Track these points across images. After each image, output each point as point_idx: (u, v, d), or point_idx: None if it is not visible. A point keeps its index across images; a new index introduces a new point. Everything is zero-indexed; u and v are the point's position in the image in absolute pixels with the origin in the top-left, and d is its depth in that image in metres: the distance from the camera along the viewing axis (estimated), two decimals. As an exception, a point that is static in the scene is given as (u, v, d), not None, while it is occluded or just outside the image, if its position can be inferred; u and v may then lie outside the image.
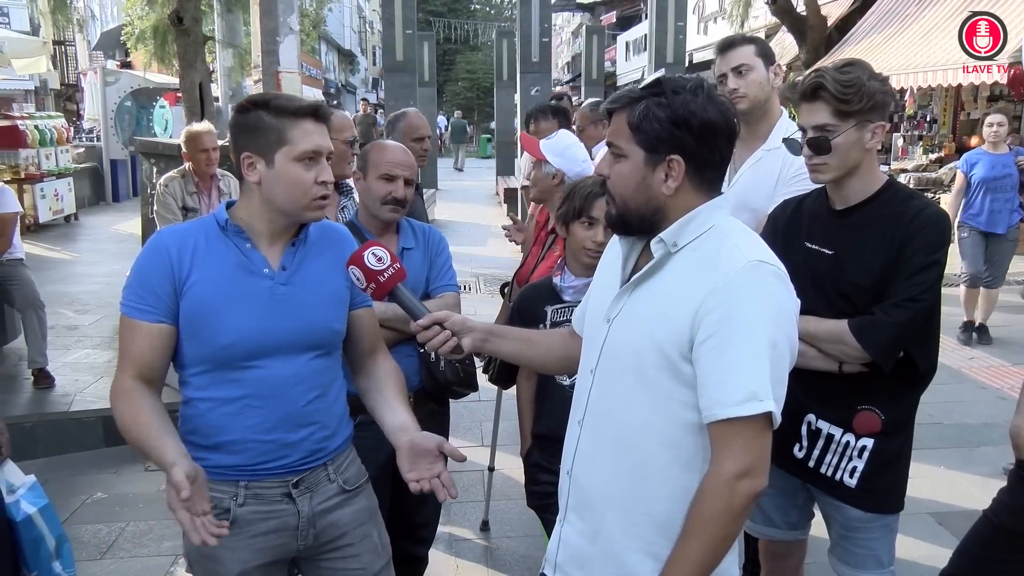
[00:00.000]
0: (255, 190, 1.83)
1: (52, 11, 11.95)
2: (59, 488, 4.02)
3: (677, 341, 1.47)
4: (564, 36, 45.72)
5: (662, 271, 1.55)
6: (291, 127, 1.79)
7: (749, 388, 1.40)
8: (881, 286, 2.03)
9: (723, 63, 2.77)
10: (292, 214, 1.84)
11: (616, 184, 1.58)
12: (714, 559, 1.44)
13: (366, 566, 2.00)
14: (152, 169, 6.01)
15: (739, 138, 2.81)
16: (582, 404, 1.66)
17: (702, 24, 22.39)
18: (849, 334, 2.04)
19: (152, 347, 1.79)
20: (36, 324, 5.24)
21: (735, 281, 1.45)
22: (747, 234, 1.57)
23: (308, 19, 26.59)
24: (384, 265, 1.81)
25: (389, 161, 2.57)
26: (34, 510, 2.31)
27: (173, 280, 1.79)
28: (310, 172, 1.80)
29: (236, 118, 1.86)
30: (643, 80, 1.59)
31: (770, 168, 2.68)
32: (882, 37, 12.84)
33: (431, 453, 1.81)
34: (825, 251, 2.13)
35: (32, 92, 18.71)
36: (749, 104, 2.72)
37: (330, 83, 41.65)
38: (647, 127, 1.51)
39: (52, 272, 8.50)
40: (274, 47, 7.01)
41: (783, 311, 1.48)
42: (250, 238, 1.85)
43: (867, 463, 2.12)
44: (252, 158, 1.81)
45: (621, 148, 1.56)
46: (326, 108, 1.89)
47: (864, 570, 2.27)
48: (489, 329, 1.89)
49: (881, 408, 2.11)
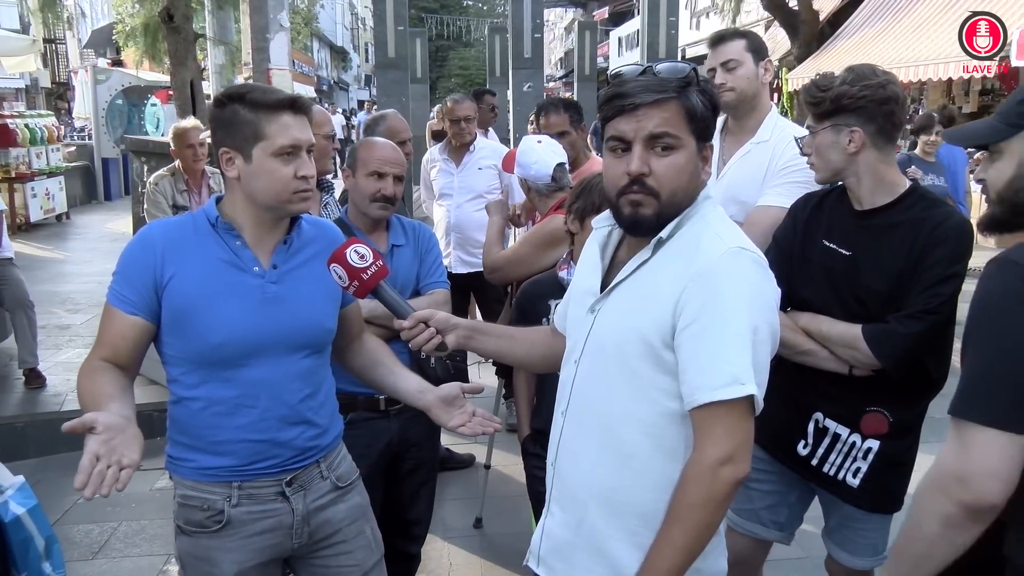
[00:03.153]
0: (236, 186, 1.82)
1: (41, 9, 11.92)
2: (51, 488, 4.01)
3: (659, 329, 1.47)
4: (557, 32, 45.68)
5: (647, 262, 1.54)
6: (268, 121, 1.76)
7: (731, 372, 1.40)
8: (896, 292, 2.01)
9: (713, 57, 2.78)
10: (273, 208, 1.82)
11: (667, 178, 1.49)
12: (697, 546, 1.43)
13: (359, 562, 2.00)
14: (143, 167, 5.99)
15: (728, 132, 2.84)
16: (565, 395, 1.66)
17: (694, 19, 22.41)
18: (862, 341, 2.03)
19: (124, 338, 1.77)
20: (26, 324, 5.21)
21: (715, 267, 1.45)
22: (727, 222, 1.57)
23: (300, 16, 26.54)
24: (367, 263, 1.78)
25: (379, 159, 2.56)
26: (23, 511, 2.29)
27: (154, 275, 1.77)
28: (289, 166, 1.77)
29: (213, 112, 1.84)
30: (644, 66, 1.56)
31: (759, 161, 2.68)
32: (874, 31, 12.87)
33: (459, 399, 1.91)
34: (842, 251, 2.12)
35: (23, 91, 18.64)
36: (736, 98, 2.72)
37: (322, 80, 41.57)
38: (704, 115, 1.51)
39: (44, 271, 8.47)
40: (264, 44, 7.00)
41: (763, 297, 1.48)
42: (240, 235, 1.83)
43: (871, 464, 2.12)
44: (230, 153, 1.79)
45: (678, 139, 1.49)
46: (304, 100, 1.86)
47: (860, 557, 2.29)
48: (473, 326, 1.89)
49: (889, 410, 2.10)
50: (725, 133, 2.86)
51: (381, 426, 2.55)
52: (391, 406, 2.56)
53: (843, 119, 2.07)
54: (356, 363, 2.10)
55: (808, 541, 2.69)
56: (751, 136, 2.75)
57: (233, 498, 1.83)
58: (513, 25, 12.86)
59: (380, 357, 2.08)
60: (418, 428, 2.62)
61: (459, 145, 4.83)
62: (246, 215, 1.83)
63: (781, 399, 1.90)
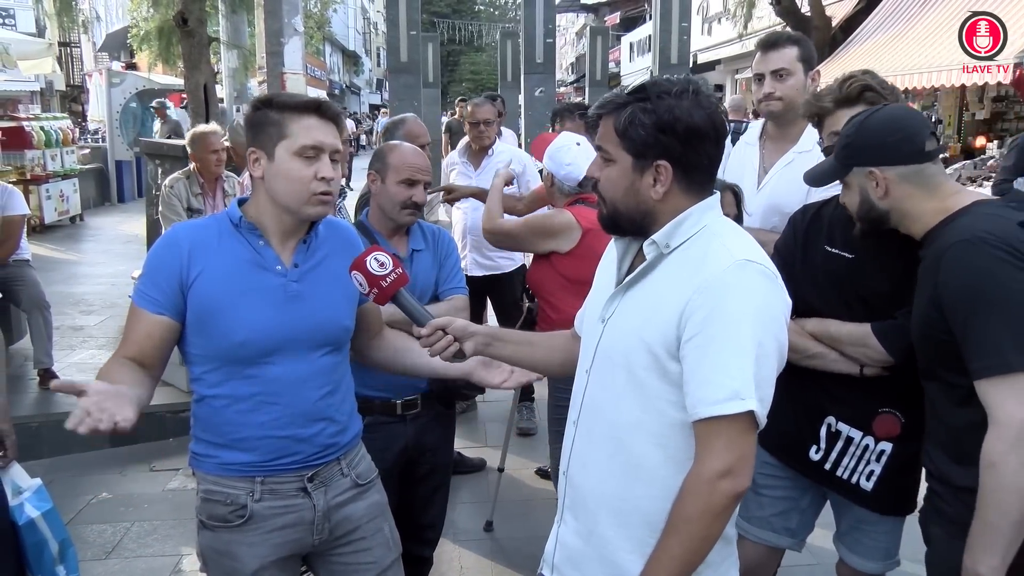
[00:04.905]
0: (260, 185, 1.86)
1: (58, 13, 11.97)
2: (64, 488, 4.04)
3: (665, 340, 1.47)
4: (568, 37, 45.74)
5: (654, 272, 1.55)
6: (292, 121, 1.81)
7: (732, 387, 1.40)
8: (900, 291, 2.02)
9: (763, 63, 2.72)
10: (293, 210, 1.85)
11: (606, 188, 1.60)
12: (695, 557, 1.44)
13: (377, 559, 2.02)
14: (157, 170, 6.02)
15: (769, 139, 2.81)
16: (577, 404, 1.67)
17: (706, 25, 22.38)
18: (872, 337, 2.04)
19: (150, 336, 1.80)
20: (42, 325, 5.25)
21: (721, 279, 1.44)
22: (738, 234, 1.56)
23: (313, 20, 26.62)
24: (387, 270, 1.81)
25: (411, 166, 2.57)
26: (37, 514, 2.31)
27: (180, 275, 1.80)
28: (310, 167, 1.81)
29: (248, 116, 1.89)
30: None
31: (803, 171, 2.66)
32: (887, 38, 12.82)
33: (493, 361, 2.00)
34: (845, 255, 2.13)
35: (38, 93, 18.76)
36: (783, 108, 2.68)
37: (335, 84, 41.73)
38: (633, 133, 1.52)
39: (57, 273, 8.52)
40: (278, 48, 7.04)
41: (770, 311, 1.47)
42: (263, 235, 1.87)
43: (885, 467, 2.12)
44: (256, 153, 1.84)
45: (609, 153, 1.57)
46: (332, 106, 1.90)
47: (871, 560, 2.29)
48: (491, 333, 1.90)
49: (901, 412, 2.11)
50: (764, 139, 2.81)
51: (397, 430, 2.56)
52: (407, 411, 2.57)
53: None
54: (383, 355, 2.14)
55: (819, 548, 2.69)
56: (793, 145, 2.71)
57: (256, 493, 1.86)
58: (525, 30, 12.89)
59: (407, 343, 2.11)
60: (433, 433, 2.64)
61: (478, 148, 4.84)
62: (269, 215, 1.87)
63: (792, 405, 1.90)
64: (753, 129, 2.91)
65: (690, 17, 10.18)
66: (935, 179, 1.88)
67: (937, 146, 1.89)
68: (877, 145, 1.88)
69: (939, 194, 1.86)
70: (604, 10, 33.64)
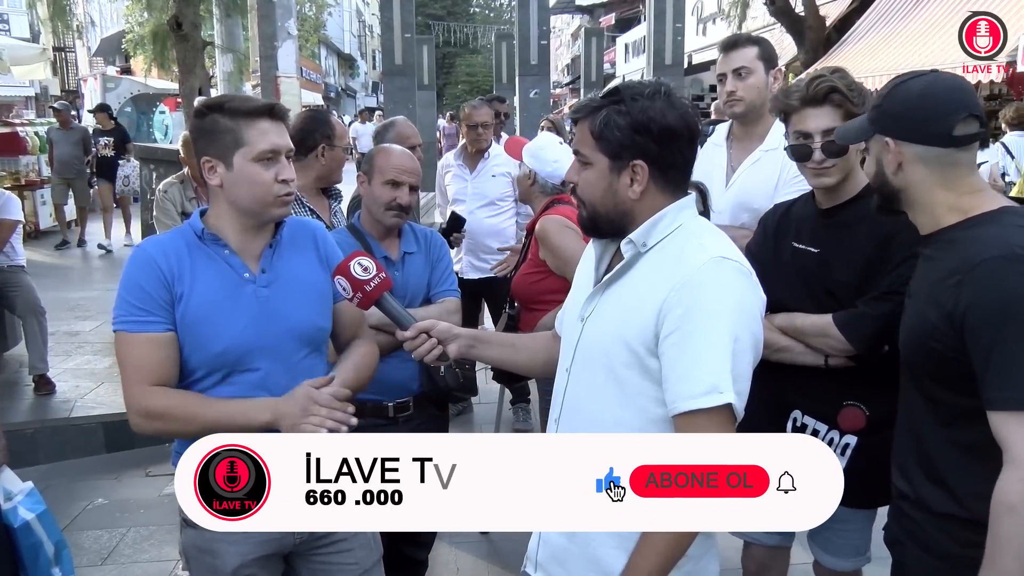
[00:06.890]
0: (219, 193, 1.85)
1: (52, 18, 11.99)
2: (60, 494, 4.03)
3: (644, 337, 1.51)
4: (563, 38, 45.75)
5: (632, 270, 1.59)
6: (247, 128, 1.80)
7: (709, 381, 1.43)
8: (865, 283, 2.06)
9: (725, 63, 2.79)
10: (257, 214, 1.86)
11: (584, 190, 1.64)
12: (678, 550, 1.48)
13: (359, 560, 2.03)
14: (152, 175, 6.03)
15: (736, 139, 2.85)
16: (558, 403, 1.71)
17: (700, 25, 22.39)
18: (833, 327, 2.08)
19: (168, 357, 1.80)
20: (37, 330, 5.24)
21: (697, 276, 1.48)
22: (714, 232, 1.61)
23: (308, 23, 26.60)
24: (370, 275, 1.83)
25: (396, 167, 2.57)
26: (32, 516, 2.31)
27: (168, 287, 1.80)
28: (269, 171, 1.81)
29: (194, 123, 1.88)
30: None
31: (770, 169, 2.69)
32: (880, 37, 12.84)
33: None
34: (812, 250, 2.17)
35: (32, 99, 18.73)
36: (745, 108, 2.75)
37: (330, 87, 41.71)
38: (609, 135, 1.56)
39: (52, 278, 8.51)
40: (272, 52, 7.05)
41: (745, 306, 1.51)
42: (227, 244, 1.87)
43: (851, 460, 2.13)
44: (212, 161, 1.83)
45: (586, 156, 1.61)
46: (281, 107, 1.90)
47: (842, 558, 2.33)
48: (474, 335, 1.93)
49: (866, 404, 2.13)
50: (731, 139, 2.87)
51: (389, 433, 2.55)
52: (399, 413, 2.57)
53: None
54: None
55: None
56: (759, 143, 2.77)
57: None
58: (520, 32, 12.91)
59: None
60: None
61: (474, 151, 4.85)
62: (231, 223, 1.87)
63: (760, 401, 1.91)
64: (720, 131, 2.98)
65: (684, 18, 10.22)
66: (957, 170, 1.67)
67: (974, 133, 1.66)
68: (899, 116, 1.69)
69: (956, 188, 1.66)
70: (599, 11, 33.67)
